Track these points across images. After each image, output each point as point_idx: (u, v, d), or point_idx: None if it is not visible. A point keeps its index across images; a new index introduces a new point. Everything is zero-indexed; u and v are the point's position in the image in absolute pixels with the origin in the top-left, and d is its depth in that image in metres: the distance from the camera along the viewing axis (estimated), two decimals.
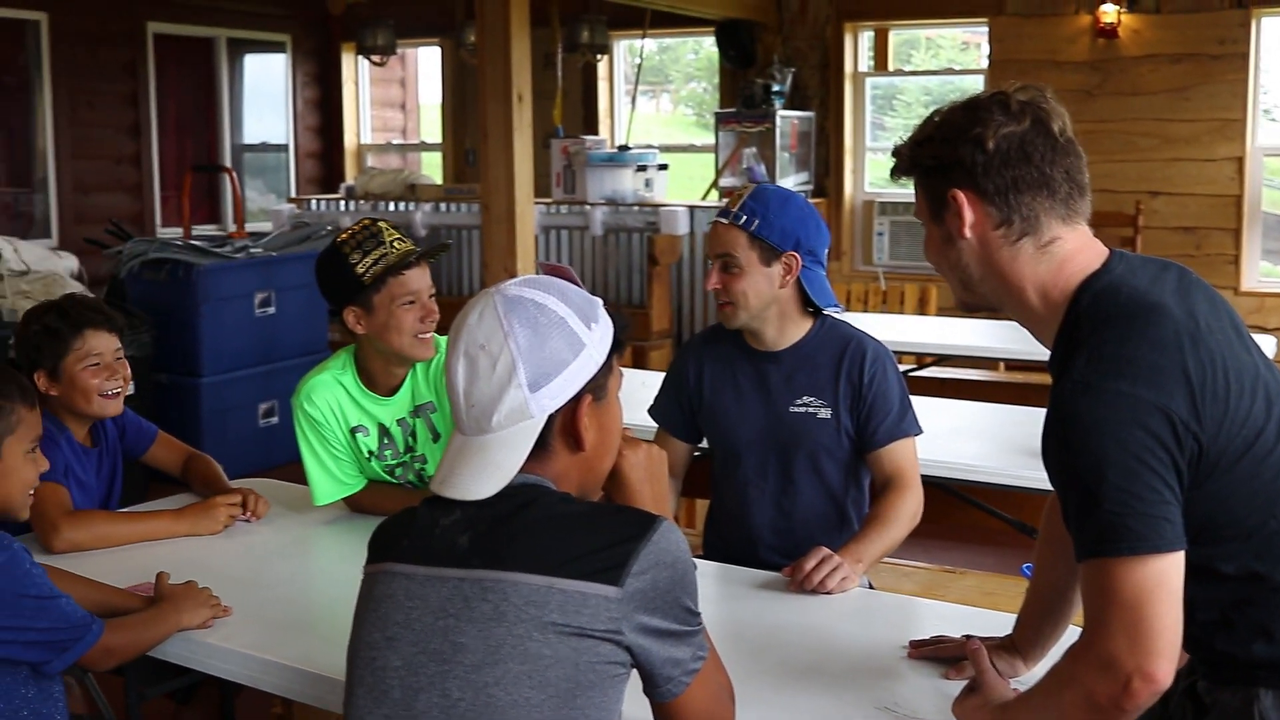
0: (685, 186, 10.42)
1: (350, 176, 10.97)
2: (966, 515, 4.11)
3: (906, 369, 5.60)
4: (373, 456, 3.08)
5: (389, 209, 9.31)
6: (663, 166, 8.89)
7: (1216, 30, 8.01)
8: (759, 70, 9.23)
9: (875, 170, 9.38)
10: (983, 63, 9.09)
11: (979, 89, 8.28)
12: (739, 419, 2.99)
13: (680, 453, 3.12)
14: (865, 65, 9.46)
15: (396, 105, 12.21)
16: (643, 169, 8.73)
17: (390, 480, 3.13)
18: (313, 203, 9.90)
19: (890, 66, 9.63)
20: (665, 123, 14.58)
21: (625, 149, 9.02)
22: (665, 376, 3.17)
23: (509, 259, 6.14)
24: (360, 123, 11.61)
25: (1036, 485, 3.11)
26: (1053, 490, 1.78)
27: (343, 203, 9.68)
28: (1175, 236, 8.21)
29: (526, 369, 1.68)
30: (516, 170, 6.11)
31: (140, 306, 6.27)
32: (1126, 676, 1.60)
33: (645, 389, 3.28)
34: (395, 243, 2.96)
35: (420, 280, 2.98)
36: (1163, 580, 1.61)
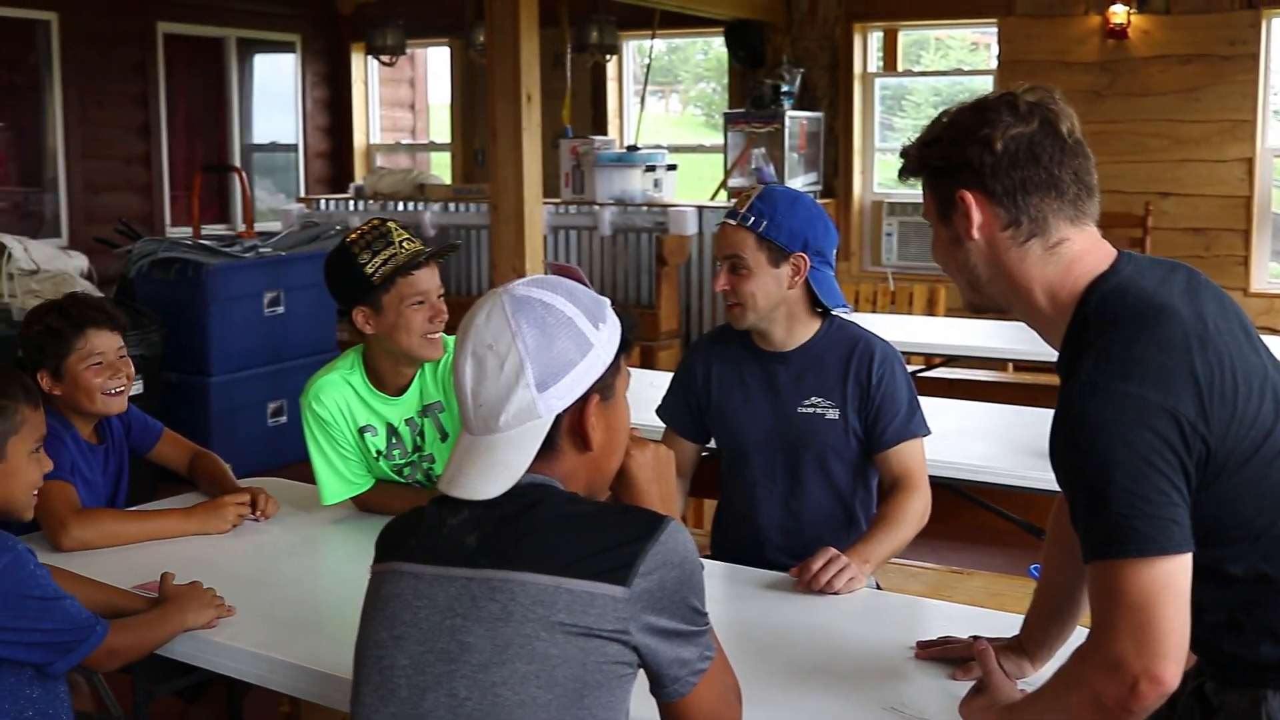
0: (694, 187, 10.42)
1: (359, 176, 10.97)
2: (974, 516, 4.11)
3: (915, 369, 5.60)
4: (381, 456, 3.09)
5: (398, 209, 9.31)
6: (671, 167, 8.88)
7: (1227, 31, 8.00)
8: (768, 71, 9.23)
9: (884, 171, 9.37)
10: (992, 63, 9.08)
11: (988, 90, 8.26)
12: (747, 419, 2.99)
13: (688, 453, 3.12)
14: (874, 66, 9.45)
15: (406, 105, 12.22)
16: (651, 169, 8.72)
17: (398, 480, 3.13)
18: (322, 202, 9.91)
19: (899, 67, 9.63)
20: (674, 123, 14.60)
21: (634, 149, 9.01)
22: (673, 377, 3.17)
23: (517, 259, 6.14)
24: (369, 123, 11.62)
25: (1044, 486, 3.11)
26: (1060, 491, 1.78)
27: (352, 202, 9.69)
28: (1185, 237, 8.20)
29: (534, 369, 1.68)
30: (525, 170, 6.11)
31: (149, 306, 6.28)
32: (1134, 678, 1.60)
33: (653, 389, 3.28)
34: (404, 243, 2.96)
35: (429, 280, 2.98)
36: (1170, 582, 1.61)
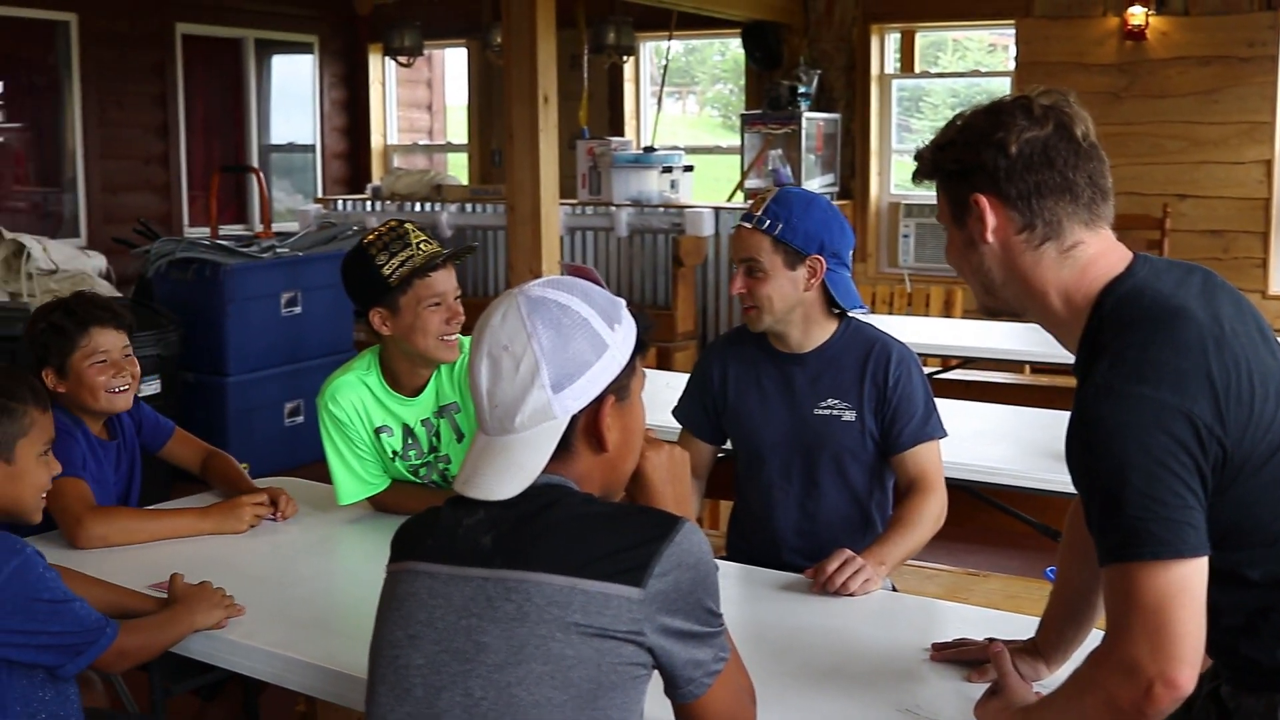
0: (711, 188, 10.42)
1: (377, 177, 10.99)
2: (991, 518, 4.10)
3: (931, 371, 5.59)
4: (397, 456, 3.09)
5: (415, 209, 9.33)
6: (688, 168, 8.88)
7: (1245, 32, 7.96)
8: (785, 72, 9.22)
9: (901, 172, 9.34)
10: (1010, 65, 9.06)
11: (1006, 91, 8.25)
12: (763, 421, 2.99)
13: (704, 454, 3.12)
14: (891, 67, 9.44)
15: (423, 106, 12.24)
16: (668, 170, 8.72)
17: (414, 480, 3.14)
18: (339, 203, 9.93)
19: (916, 68, 9.61)
20: (691, 124, 14.59)
21: (651, 150, 9.01)
22: (689, 378, 3.17)
23: (534, 260, 6.14)
24: (387, 123, 11.64)
25: (1061, 488, 3.10)
26: (1077, 494, 1.78)
27: (369, 203, 9.71)
28: (1203, 240, 8.17)
29: (550, 370, 1.68)
30: (542, 171, 6.11)
31: (167, 305, 6.30)
32: (1148, 682, 1.60)
33: (669, 390, 3.28)
34: (421, 244, 2.97)
35: (446, 282, 2.99)
36: (1185, 585, 1.61)
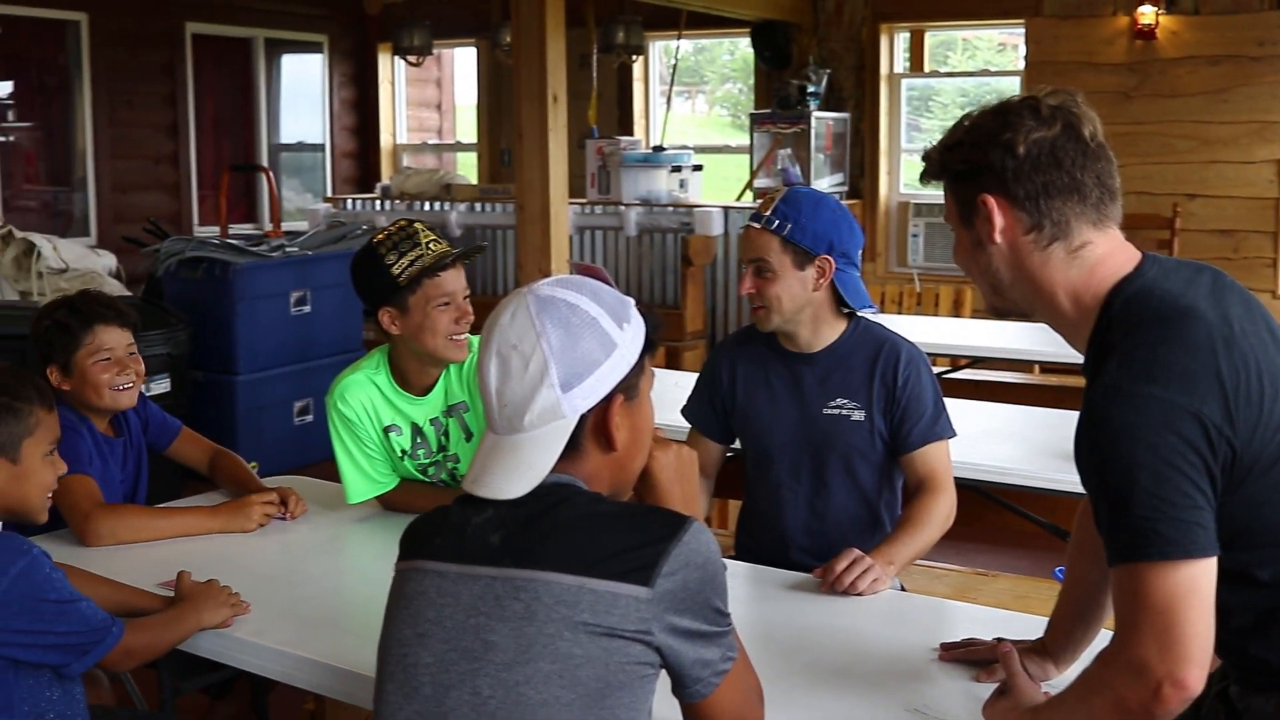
0: (720, 187, 10.42)
1: (386, 176, 11.01)
2: (1000, 518, 4.10)
3: (941, 371, 5.58)
4: (405, 455, 3.10)
5: (424, 209, 9.35)
6: (697, 167, 8.89)
7: (1256, 32, 7.94)
8: (794, 71, 9.21)
9: (910, 172, 9.34)
10: (1019, 64, 9.04)
11: (1016, 90, 8.25)
12: (772, 421, 2.99)
13: (712, 453, 3.12)
14: (901, 66, 9.43)
15: (432, 105, 12.25)
16: (677, 170, 8.73)
17: (423, 479, 3.15)
18: (348, 202, 9.95)
19: (926, 68, 9.60)
20: (700, 123, 14.58)
21: (660, 150, 9.02)
22: (698, 377, 3.17)
23: (543, 259, 6.15)
24: (396, 123, 11.66)
25: (1070, 488, 3.09)
26: (1086, 494, 1.78)
27: (378, 202, 9.73)
28: (1212, 239, 8.15)
29: (559, 369, 1.68)
30: (551, 171, 6.11)
31: (177, 304, 6.31)
32: (1157, 682, 1.59)
33: (678, 389, 3.28)
34: (431, 244, 2.97)
35: (455, 282, 2.99)
36: (1194, 586, 1.60)
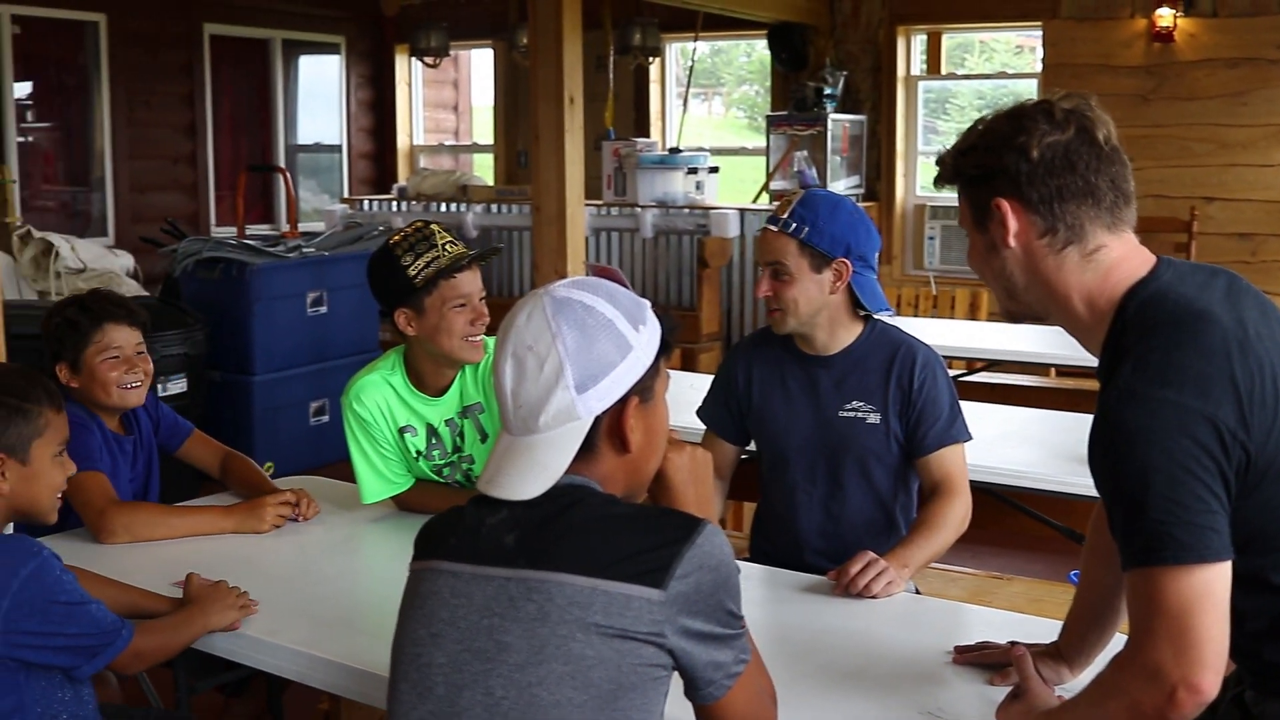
0: (736, 189, 10.42)
1: (402, 177, 11.03)
2: (1015, 521, 4.09)
3: (957, 374, 5.58)
4: (420, 456, 3.10)
5: (441, 210, 9.36)
6: (714, 169, 8.88)
7: (1274, 34, 7.91)
8: (811, 73, 9.21)
9: (927, 174, 9.32)
10: (1037, 67, 9.02)
11: (1033, 93, 8.23)
12: (788, 423, 2.99)
13: (728, 455, 3.12)
14: (918, 69, 9.41)
15: (449, 107, 12.27)
16: (693, 171, 8.73)
17: (438, 480, 3.15)
18: (365, 203, 9.97)
19: (943, 70, 9.59)
20: (717, 125, 14.60)
21: (676, 151, 9.02)
22: (714, 379, 3.18)
23: (559, 260, 6.15)
24: (413, 124, 11.68)
25: (1086, 492, 3.08)
26: (1100, 498, 1.78)
27: (395, 203, 9.75)
28: (1230, 243, 8.12)
29: (574, 370, 1.69)
30: (568, 172, 6.12)
31: (194, 305, 6.33)
32: (1172, 687, 1.59)
33: (694, 391, 3.28)
34: (447, 245, 2.98)
35: (471, 283, 2.99)
36: (1209, 590, 1.60)
